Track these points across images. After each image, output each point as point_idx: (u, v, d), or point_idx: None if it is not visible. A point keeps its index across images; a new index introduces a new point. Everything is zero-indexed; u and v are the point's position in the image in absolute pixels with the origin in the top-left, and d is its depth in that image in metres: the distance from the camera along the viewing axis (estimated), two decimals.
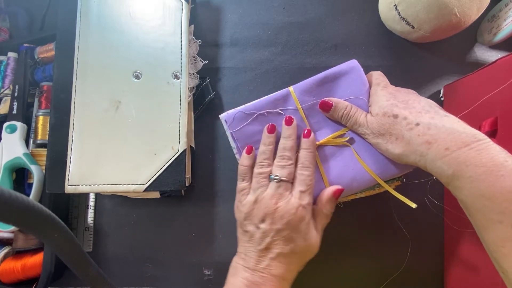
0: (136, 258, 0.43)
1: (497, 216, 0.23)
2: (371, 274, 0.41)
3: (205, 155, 0.43)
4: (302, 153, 0.33)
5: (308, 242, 0.31)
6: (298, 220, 0.30)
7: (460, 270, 0.37)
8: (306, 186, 0.32)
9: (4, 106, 0.42)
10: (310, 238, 0.31)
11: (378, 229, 0.42)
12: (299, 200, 0.31)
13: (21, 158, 0.39)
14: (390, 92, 0.32)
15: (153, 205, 0.43)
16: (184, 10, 0.39)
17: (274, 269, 0.30)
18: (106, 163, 0.36)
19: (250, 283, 0.29)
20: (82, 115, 0.37)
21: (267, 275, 0.30)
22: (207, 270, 0.42)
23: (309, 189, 0.32)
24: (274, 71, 0.44)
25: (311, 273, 0.42)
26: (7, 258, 0.40)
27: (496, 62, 0.32)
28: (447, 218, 0.40)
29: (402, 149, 0.29)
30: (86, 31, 0.38)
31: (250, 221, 0.32)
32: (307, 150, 0.33)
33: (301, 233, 0.31)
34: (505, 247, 0.23)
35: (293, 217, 0.30)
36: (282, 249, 0.30)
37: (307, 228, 0.31)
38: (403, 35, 0.41)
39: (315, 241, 0.31)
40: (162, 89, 0.37)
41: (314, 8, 0.44)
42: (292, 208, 0.30)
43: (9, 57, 0.43)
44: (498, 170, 0.23)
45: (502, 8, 0.39)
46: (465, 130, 0.26)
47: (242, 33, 0.45)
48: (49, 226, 0.21)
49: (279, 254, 0.30)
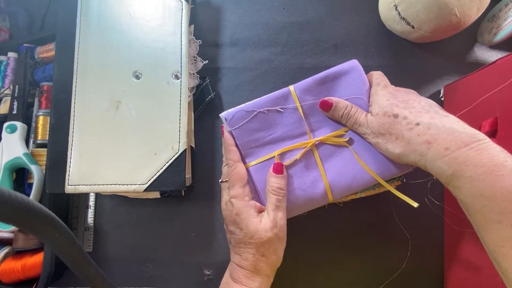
0: (136, 258, 0.43)
1: (497, 216, 0.23)
2: (371, 274, 0.41)
3: (205, 155, 0.43)
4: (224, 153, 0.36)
5: (245, 231, 0.31)
6: (230, 213, 0.33)
7: (460, 270, 0.37)
8: (229, 182, 0.34)
9: (4, 106, 0.42)
10: (247, 226, 0.31)
11: (378, 229, 0.42)
12: (226, 195, 0.34)
13: (21, 158, 0.39)
14: (390, 92, 0.32)
15: (153, 205, 0.43)
16: (184, 10, 0.39)
17: (234, 258, 0.33)
18: (106, 163, 0.36)
19: (229, 271, 0.34)
20: (82, 115, 0.37)
21: (232, 262, 0.34)
22: (207, 270, 0.42)
23: (232, 182, 0.33)
24: (274, 71, 0.44)
25: (311, 273, 0.42)
26: (7, 258, 0.40)
27: (496, 62, 0.32)
28: (447, 218, 0.40)
29: (402, 148, 0.29)
30: (86, 31, 0.38)
31: None
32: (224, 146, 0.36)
33: (236, 224, 0.32)
34: (505, 247, 0.23)
35: (226, 212, 0.33)
36: (230, 240, 0.34)
37: (239, 218, 0.32)
38: (403, 35, 0.41)
39: (255, 228, 0.31)
40: (162, 89, 0.37)
41: (314, 8, 0.44)
42: (224, 204, 0.34)
43: (9, 57, 0.43)
44: (498, 170, 0.23)
45: (502, 8, 0.39)
46: (465, 130, 0.26)
47: (242, 33, 0.45)
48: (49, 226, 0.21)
49: (232, 245, 0.34)
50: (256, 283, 0.32)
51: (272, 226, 0.31)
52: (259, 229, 0.31)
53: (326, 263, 0.42)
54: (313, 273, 0.42)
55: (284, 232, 0.33)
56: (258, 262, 0.32)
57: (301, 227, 0.42)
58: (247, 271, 0.32)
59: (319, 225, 0.42)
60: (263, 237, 0.31)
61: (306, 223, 0.41)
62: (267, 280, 0.33)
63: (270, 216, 0.32)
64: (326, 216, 0.41)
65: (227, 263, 0.35)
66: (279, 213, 0.32)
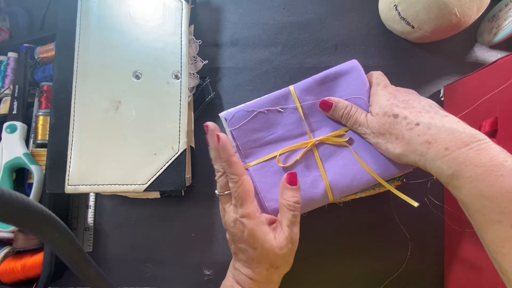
0: (136, 258, 0.43)
1: (497, 216, 0.23)
2: (371, 274, 0.41)
3: (205, 155, 0.43)
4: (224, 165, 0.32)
5: (260, 250, 0.30)
6: (240, 232, 0.31)
7: (460, 270, 0.37)
8: (236, 199, 0.31)
9: (4, 106, 0.42)
10: (263, 246, 0.30)
11: (378, 229, 0.42)
12: (233, 213, 0.31)
13: (21, 158, 0.39)
14: (390, 92, 0.32)
15: (153, 205, 0.43)
16: (184, 10, 0.39)
17: (243, 270, 0.32)
18: (106, 163, 0.36)
19: (234, 277, 0.33)
20: (82, 115, 0.37)
21: (240, 272, 0.32)
22: (207, 270, 0.42)
23: (240, 200, 0.31)
24: (274, 71, 0.44)
25: (311, 273, 0.42)
26: (7, 258, 0.40)
27: (496, 62, 0.32)
28: (447, 218, 0.40)
29: (402, 148, 0.29)
30: (86, 31, 0.38)
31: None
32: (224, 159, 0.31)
33: (248, 243, 0.30)
34: (505, 247, 0.23)
35: (235, 230, 0.31)
36: (240, 256, 0.32)
37: (252, 237, 0.30)
38: (403, 35, 0.41)
39: (270, 246, 0.30)
40: (162, 89, 0.37)
41: (314, 8, 0.44)
42: (230, 222, 0.31)
43: (9, 57, 0.43)
44: (498, 170, 0.23)
45: (502, 8, 0.39)
46: (464, 130, 0.26)
47: (242, 33, 0.45)
48: (49, 226, 0.21)
49: (241, 259, 0.32)
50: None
51: (287, 243, 0.31)
52: (274, 246, 0.30)
53: (326, 263, 0.42)
54: (313, 273, 0.42)
55: (297, 244, 0.32)
56: (271, 275, 0.31)
57: (301, 227, 0.41)
58: (259, 283, 0.31)
59: (319, 225, 0.42)
60: (279, 254, 0.30)
61: (306, 223, 0.41)
62: (276, 285, 0.33)
63: (285, 232, 0.31)
64: (326, 216, 0.41)
65: (227, 263, 0.35)
66: (294, 228, 0.31)
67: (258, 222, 0.31)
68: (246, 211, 0.30)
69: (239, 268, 0.32)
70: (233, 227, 0.31)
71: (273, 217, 0.33)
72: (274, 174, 0.35)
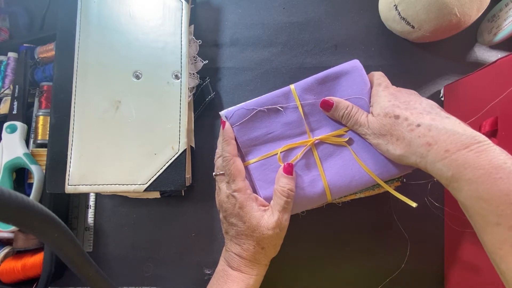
0: (136, 257, 0.43)
1: (495, 219, 0.23)
2: (371, 274, 0.41)
3: (205, 155, 0.43)
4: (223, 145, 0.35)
5: (248, 224, 0.32)
6: (232, 206, 0.33)
7: (460, 270, 0.37)
8: (228, 175, 0.33)
9: (4, 106, 0.42)
10: (250, 219, 0.32)
11: (378, 229, 0.42)
12: (227, 189, 0.34)
13: (21, 158, 0.39)
14: (391, 93, 0.32)
15: (153, 205, 0.43)
16: (184, 10, 0.39)
17: (232, 247, 0.34)
18: (106, 163, 0.36)
19: (225, 259, 0.34)
20: (82, 115, 0.37)
21: (230, 252, 0.34)
22: (207, 270, 0.42)
23: (232, 177, 0.33)
24: (274, 71, 0.44)
25: (311, 273, 0.42)
26: (7, 258, 0.40)
27: (496, 62, 0.32)
28: (447, 218, 0.40)
29: (403, 150, 0.29)
30: (86, 31, 0.38)
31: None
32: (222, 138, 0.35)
33: (239, 217, 0.33)
34: (502, 249, 0.23)
35: (228, 205, 0.33)
36: (231, 231, 0.34)
37: (243, 212, 0.32)
38: (403, 35, 0.41)
39: (257, 222, 0.32)
40: (162, 89, 0.37)
41: (314, 8, 0.44)
42: (224, 197, 0.34)
43: (9, 57, 0.43)
44: (496, 172, 0.23)
45: (502, 8, 0.38)
46: (465, 132, 0.26)
47: (242, 33, 0.45)
48: (49, 226, 0.21)
49: (232, 236, 0.34)
50: (254, 270, 0.33)
51: (275, 226, 0.32)
52: (261, 224, 0.32)
53: (326, 263, 0.42)
54: (313, 273, 0.42)
55: (285, 230, 0.33)
56: (258, 254, 0.33)
57: (300, 226, 0.42)
58: (247, 260, 0.33)
59: (319, 225, 0.42)
60: (265, 233, 0.32)
61: (306, 223, 0.41)
62: (264, 267, 0.34)
63: (275, 216, 0.32)
64: (325, 216, 0.41)
65: None
66: (285, 215, 0.33)
67: (248, 198, 0.33)
68: (238, 186, 0.33)
69: (229, 248, 0.34)
70: (226, 202, 0.33)
71: (265, 202, 0.34)
72: (272, 172, 0.35)
